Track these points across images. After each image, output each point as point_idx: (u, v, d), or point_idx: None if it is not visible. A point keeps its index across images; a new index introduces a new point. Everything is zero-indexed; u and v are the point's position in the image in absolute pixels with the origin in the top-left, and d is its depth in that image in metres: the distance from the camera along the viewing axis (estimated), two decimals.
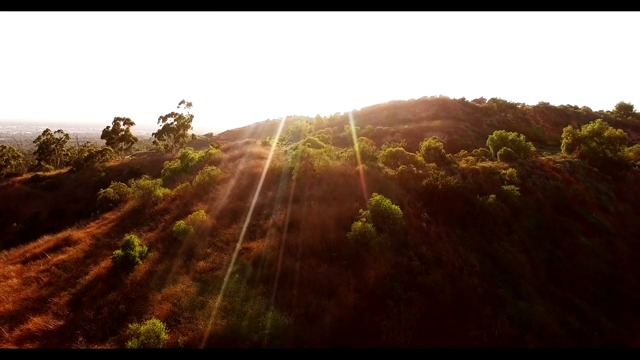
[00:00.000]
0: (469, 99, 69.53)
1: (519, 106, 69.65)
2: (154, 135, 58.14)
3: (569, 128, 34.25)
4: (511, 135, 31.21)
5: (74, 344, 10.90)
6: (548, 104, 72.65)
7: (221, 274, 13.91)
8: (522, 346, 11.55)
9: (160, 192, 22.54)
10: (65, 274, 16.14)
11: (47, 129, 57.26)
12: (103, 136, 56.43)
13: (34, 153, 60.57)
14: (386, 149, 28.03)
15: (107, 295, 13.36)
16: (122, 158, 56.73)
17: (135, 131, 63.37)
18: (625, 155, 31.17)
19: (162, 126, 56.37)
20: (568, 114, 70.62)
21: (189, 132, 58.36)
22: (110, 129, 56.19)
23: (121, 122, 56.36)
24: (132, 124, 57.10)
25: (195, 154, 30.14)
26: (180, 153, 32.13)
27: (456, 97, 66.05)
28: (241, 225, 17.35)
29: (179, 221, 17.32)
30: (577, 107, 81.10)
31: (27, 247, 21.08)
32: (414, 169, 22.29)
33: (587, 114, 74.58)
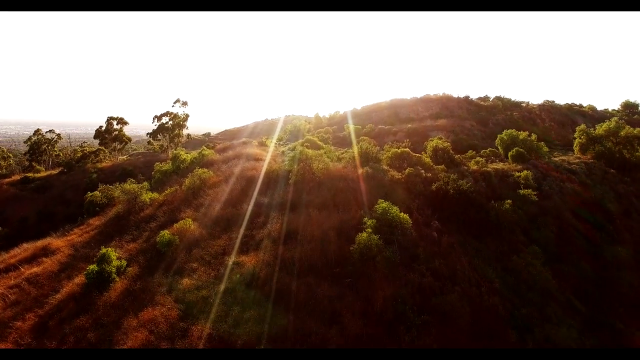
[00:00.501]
0: (472, 97, 67.68)
1: (524, 105, 67.86)
2: (148, 135, 56.36)
3: (583, 127, 32.53)
4: (522, 134, 29.48)
5: None
6: (553, 102, 70.87)
7: (208, 294, 12.20)
8: None
9: (147, 197, 20.82)
10: (36, 291, 14.42)
11: (38, 129, 55.34)
12: (96, 136, 54.57)
13: (25, 154, 58.76)
14: (390, 149, 26.31)
15: (76, 319, 11.65)
16: (115, 159, 54.99)
17: (134, 131, 61.64)
18: None
19: (157, 126, 54.61)
20: (573, 112, 68.85)
21: (185, 132, 56.49)
22: (103, 128, 54.40)
23: (114, 122, 54.50)
24: (126, 123, 55.24)
25: (187, 155, 28.43)
26: (171, 154, 30.40)
27: (459, 95, 64.25)
28: (232, 236, 15.63)
29: (164, 231, 15.60)
30: (582, 106, 79.38)
31: (2, 257, 19.42)
32: (422, 171, 20.57)
33: (593, 112, 72.85)
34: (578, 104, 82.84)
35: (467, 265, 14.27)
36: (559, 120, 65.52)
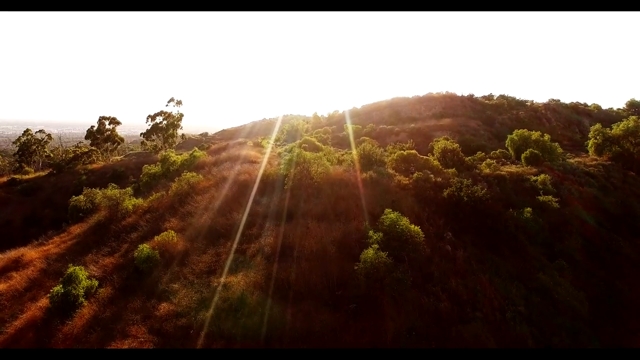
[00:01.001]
0: (476, 95, 65.79)
1: (528, 103, 66.07)
2: (142, 135, 54.56)
3: (598, 126, 30.75)
4: (534, 134, 27.68)
5: None
6: (558, 101, 69.08)
7: (188, 323, 10.42)
8: None
9: (130, 203, 19.03)
10: None
11: (28, 129, 53.46)
12: (87, 136, 52.76)
13: (14, 155, 56.84)
14: (395, 151, 24.49)
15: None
16: (109, 159, 53.14)
17: (131, 130, 59.81)
18: None
19: (150, 126, 52.82)
20: (579, 111, 67.09)
21: (179, 132, 54.72)
22: (95, 128, 52.55)
23: (106, 122, 52.69)
24: (119, 123, 53.42)
25: (177, 157, 26.59)
26: (160, 156, 28.55)
27: (463, 94, 62.36)
28: (220, 250, 13.83)
29: (143, 244, 13.79)
30: (587, 105, 77.67)
31: None
32: (431, 176, 18.77)
33: (599, 111, 71.12)
34: (583, 102, 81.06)
35: (488, 285, 12.49)
36: (565, 119, 63.73)
